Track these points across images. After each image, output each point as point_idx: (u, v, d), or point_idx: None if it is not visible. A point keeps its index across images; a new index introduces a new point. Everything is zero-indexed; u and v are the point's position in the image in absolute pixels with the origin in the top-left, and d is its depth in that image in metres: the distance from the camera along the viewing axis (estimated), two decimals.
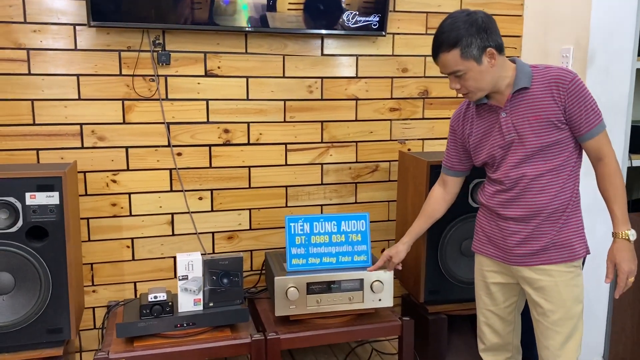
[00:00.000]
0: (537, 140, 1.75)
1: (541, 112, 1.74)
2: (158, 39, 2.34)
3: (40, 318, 1.93)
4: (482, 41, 1.69)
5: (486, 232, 1.94)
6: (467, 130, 1.92)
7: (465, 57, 1.69)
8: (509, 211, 1.83)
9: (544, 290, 1.83)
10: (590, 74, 2.38)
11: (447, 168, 2.04)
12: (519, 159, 1.79)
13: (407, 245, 2.10)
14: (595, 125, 1.74)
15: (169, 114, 2.41)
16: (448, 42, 1.69)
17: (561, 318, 1.82)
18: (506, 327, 1.99)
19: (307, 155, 2.62)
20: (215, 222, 2.55)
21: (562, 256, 1.81)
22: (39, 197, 1.88)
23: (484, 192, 1.94)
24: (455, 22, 1.70)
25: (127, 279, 2.47)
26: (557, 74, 1.74)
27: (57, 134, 2.31)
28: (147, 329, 2.05)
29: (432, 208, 2.07)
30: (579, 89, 1.72)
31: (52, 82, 2.27)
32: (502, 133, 1.80)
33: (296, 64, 2.53)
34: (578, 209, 1.84)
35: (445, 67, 1.75)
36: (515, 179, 1.80)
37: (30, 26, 2.21)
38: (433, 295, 2.39)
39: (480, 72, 1.72)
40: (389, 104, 2.69)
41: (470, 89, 1.76)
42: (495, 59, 1.71)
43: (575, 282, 1.83)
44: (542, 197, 1.78)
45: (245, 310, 2.15)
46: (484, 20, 1.70)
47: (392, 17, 2.60)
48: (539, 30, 2.69)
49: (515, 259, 1.85)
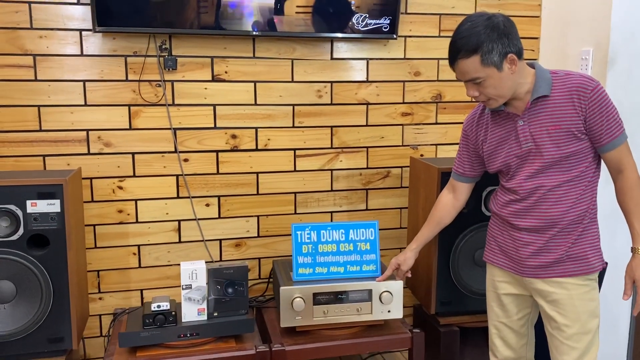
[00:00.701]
0: (556, 151, 1.67)
1: (561, 122, 1.66)
2: (164, 44, 2.32)
3: (42, 327, 1.91)
4: (503, 47, 1.60)
5: (498, 242, 1.86)
6: (481, 136, 1.84)
7: (485, 63, 1.60)
8: (522, 221, 1.76)
9: (558, 304, 1.75)
10: (611, 76, 2.28)
11: (458, 174, 1.97)
12: (535, 170, 1.71)
13: (415, 252, 2.04)
14: (616, 136, 1.65)
15: (176, 119, 2.38)
16: (467, 47, 1.60)
17: (576, 333, 1.74)
18: (519, 340, 1.91)
19: (316, 161, 2.56)
20: (223, 229, 2.50)
21: (577, 269, 1.73)
22: (40, 205, 1.86)
23: (496, 201, 1.86)
24: (475, 27, 1.60)
25: (133, 286, 2.45)
26: (578, 82, 1.65)
27: (64, 140, 2.29)
28: (150, 339, 2.01)
29: (441, 215, 2.00)
30: (601, 98, 1.63)
31: (59, 88, 2.26)
32: (519, 142, 1.72)
33: (305, 68, 2.48)
34: (595, 220, 1.75)
35: (464, 74, 1.66)
36: (531, 190, 1.72)
37: (36, 32, 2.20)
38: (445, 307, 2.32)
39: (500, 79, 1.63)
40: (401, 108, 2.62)
41: (490, 96, 1.67)
42: (515, 64, 1.63)
43: (590, 295, 1.74)
44: (557, 208, 1.70)
45: (250, 320, 2.10)
46: (505, 24, 1.61)
47: (404, 20, 2.53)
48: (557, 31, 2.59)
49: (528, 270, 1.78)
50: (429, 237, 2.04)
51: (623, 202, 1.71)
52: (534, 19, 2.70)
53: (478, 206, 2.25)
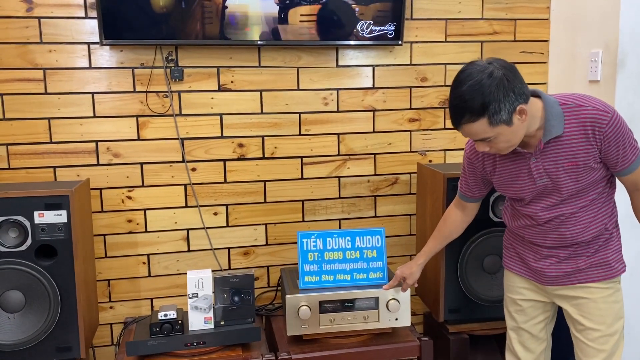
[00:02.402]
0: (574, 185, 1.63)
1: (577, 158, 1.60)
2: (171, 55, 2.34)
3: (50, 336, 1.94)
4: (511, 104, 1.47)
5: (518, 251, 1.84)
6: (489, 167, 1.78)
7: (494, 124, 1.49)
8: (543, 241, 1.74)
9: (582, 307, 1.73)
10: (621, 79, 2.24)
11: (467, 197, 1.92)
12: (553, 202, 1.67)
13: (421, 267, 2.04)
14: (633, 160, 1.62)
15: (183, 129, 2.40)
16: (472, 111, 1.47)
17: (602, 335, 1.72)
18: (539, 345, 1.90)
19: (323, 168, 2.56)
20: (231, 237, 2.52)
21: (600, 275, 1.72)
22: (47, 216, 1.90)
23: (510, 219, 1.82)
24: (478, 87, 1.46)
25: (143, 295, 2.47)
26: (592, 116, 1.56)
27: (73, 152, 2.33)
28: (157, 348, 2.02)
29: (450, 230, 1.98)
30: (617, 130, 1.56)
31: (68, 100, 2.30)
32: (532, 178, 1.67)
33: (310, 76, 2.49)
34: (616, 228, 1.74)
35: (472, 135, 1.56)
36: (549, 219, 1.70)
37: (46, 46, 2.25)
38: (453, 315, 2.29)
39: (512, 133, 1.53)
40: (408, 114, 2.60)
41: (502, 150, 1.60)
42: (526, 114, 1.51)
43: (614, 298, 1.73)
44: (576, 229, 1.69)
45: (257, 329, 2.10)
46: (508, 77, 1.48)
47: (410, 25, 2.52)
48: (566, 34, 2.55)
49: (549, 279, 1.76)
50: (436, 251, 2.03)
51: None
52: (543, 22, 2.66)
53: (486, 213, 2.22)
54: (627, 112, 2.24)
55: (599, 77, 2.32)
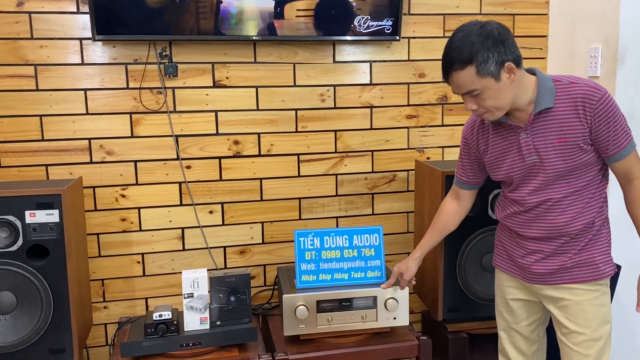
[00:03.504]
0: (562, 164, 1.61)
1: (567, 134, 1.59)
2: (165, 51, 2.30)
3: (42, 338, 1.90)
4: (499, 55, 1.51)
5: (506, 248, 1.81)
6: (482, 145, 1.78)
7: (481, 74, 1.52)
8: (528, 231, 1.71)
9: (567, 310, 1.70)
10: (621, 74, 2.21)
11: (461, 182, 1.91)
12: (539, 183, 1.65)
13: (417, 261, 2.00)
14: (624, 146, 1.59)
15: (178, 126, 2.37)
16: (461, 58, 1.52)
17: (587, 339, 1.68)
18: (530, 346, 1.86)
19: (320, 165, 2.53)
20: (227, 236, 2.48)
21: (586, 275, 1.67)
22: (39, 215, 1.86)
23: (501, 210, 1.81)
24: (468, 36, 1.52)
25: (138, 294, 2.43)
26: (583, 92, 1.56)
27: (66, 149, 2.29)
28: (152, 349, 1.99)
29: (445, 223, 1.95)
30: (608, 109, 1.55)
31: (60, 97, 2.25)
32: (522, 155, 1.65)
33: (307, 72, 2.45)
34: (605, 226, 1.70)
35: (460, 87, 1.58)
36: (536, 203, 1.67)
37: (37, 42, 2.21)
38: (452, 313, 2.26)
39: (499, 90, 1.55)
40: (406, 110, 2.57)
41: (489, 108, 1.59)
42: (514, 73, 1.55)
43: (601, 301, 1.69)
44: (563, 219, 1.65)
45: (253, 329, 2.07)
46: (500, 31, 1.54)
47: (407, 21, 2.49)
48: (565, 29, 2.52)
49: (535, 277, 1.73)
50: (432, 245, 2.00)
51: (634, 213, 1.64)
52: (542, 17, 2.63)
53: (484, 210, 2.19)
54: (628, 108, 2.22)
55: (598, 72, 2.29)
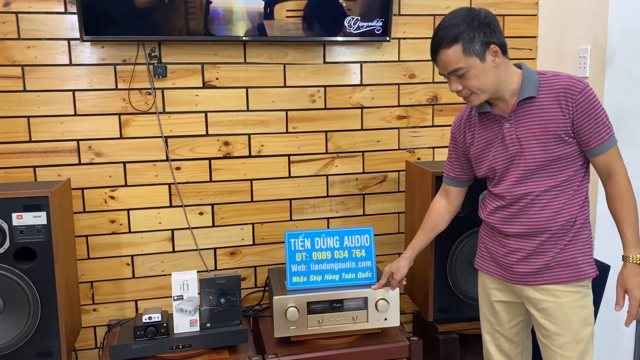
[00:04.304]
0: (542, 154, 1.62)
1: (548, 124, 1.61)
2: (154, 51, 2.29)
3: (30, 341, 1.88)
4: (485, 36, 1.58)
5: (488, 249, 1.82)
6: (469, 139, 1.80)
7: (467, 52, 1.58)
8: (510, 228, 1.71)
9: (548, 312, 1.70)
10: (610, 75, 2.22)
11: (450, 178, 1.92)
12: (521, 174, 1.66)
13: (408, 261, 2.00)
14: (605, 139, 1.60)
15: (167, 127, 2.35)
16: (448, 37, 1.59)
17: (569, 342, 1.68)
18: (515, 348, 1.86)
19: (311, 166, 2.52)
20: (217, 237, 2.47)
21: (567, 276, 1.67)
22: (26, 218, 1.84)
23: (484, 208, 1.82)
24: (456, 17, 1.60)
25: (127, 297, 2.42)
26: (566, 83, 1.60)
27: (54, 151, 2.27)
28: (141, 352, 1.98)
29: (435, 222, 1.95)
30: (589, 100, 1.58)
31: (48, 98, 2.23)
32: (505, 145, 1.68)
33: (297, 73, 2.44)
34: (586, 226, 1.70)
35: (446, 65, 1.63)
36: (518, 196, 1.67)
37: (24, 42, 2.18)
38: (443, 314, 2.26)
39: (483, 71, 1.59)
40: (396, 111, 2.57)
41: (473, 89, 1.62)
42: (499, 57, 1.61)
43: (582, 303, 1.69)
44: (544, 214, 1.65)
45: (243, 331, 2.06)
46: (487, 15, 1.62)
47: (398, 21, 2.49)
48: (555, 30, 2.53)
49: (516, 277, 1.73)
50: (423, 245, 2.00)
51: (613, 209, 1.65)
52: (532, 18, 2.64)
53: (475, 210, 2.18)
54: (616, 108, 2.23)
55: (587, 73, 2.30)
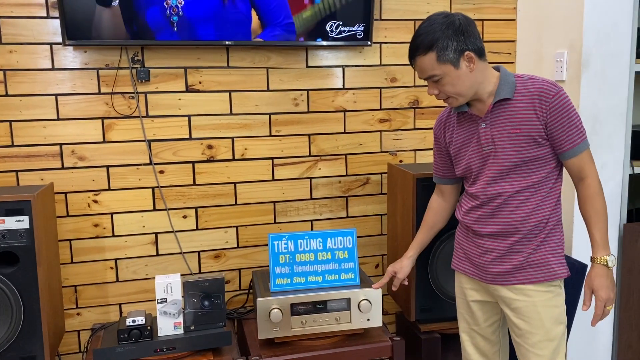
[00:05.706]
0: (516, 155, 1.67)
1: (521, 126, 1.65)
2: (137, 56, 2.30)
3: (13, 346, 1.88)
4: (459, 44, 1.61)
5: (464, 249, 1.86)
6: (448, 138, 1.85)
7: (441, 60, 1.62)
8: (484, 228, 1.75)
9: (521, 311, 1.74)
10: (586, 78, 2.28)
11: (438, 177, 1.97)
12: (495, 174, 1.70)
13: (411, 260, 2.03)
14: (578, 143, 1.65)
15: (150, 131, 2.36)
16: (424, 45, 1.62)
17: (541, 340, 1.73)
18: (491, 347, 1.90)
19: (294, 169, 2.55)
20: (201, 240, 2.48)
21: (539, 275, 1.72)
22: (8, 222, 1.84)
23: (460, 208, 1.86)
24: (432, 25, 1.63)
25: (111, 300, 2.42)
26: (540, 87, 1.64)
27: (37, 155, 2.27)
28: (125, 355, 1.98)
29: (433, 220, 2.00)
30: (562, 104, 1.63)
31: (30, 102, 2.23)
32: (480, 144, 1.72)
33: (280, 77, 2.47)
34: (558, 227, 1.74)
35: (422, 72, 1.68)
36: (492, 196, 1.72)
37: (6, 47, 2.18)
38: (425, 314, 2.30)
39: (458, 77, 1.64)
40: (379, 114, 2.61)
41: (449, 94, 1.68)
42: (474, 63, 1.64)
43: (554, 302, 1.73)
44: (517, 214, 1.70)
45: (227, 333, 2.08)
46: (462, 22, 1.63)
47: (379, 26, 2.52)
48: (532, 34, 2.59)
49: (491, 277, 1.77)
50: (424, 243, 2.04)
51: (584, 211, 1.70)
52: (510, 22, 2.70)
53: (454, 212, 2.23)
54: (592, 111, 2.29)
55: (564, 77, 2.35)
